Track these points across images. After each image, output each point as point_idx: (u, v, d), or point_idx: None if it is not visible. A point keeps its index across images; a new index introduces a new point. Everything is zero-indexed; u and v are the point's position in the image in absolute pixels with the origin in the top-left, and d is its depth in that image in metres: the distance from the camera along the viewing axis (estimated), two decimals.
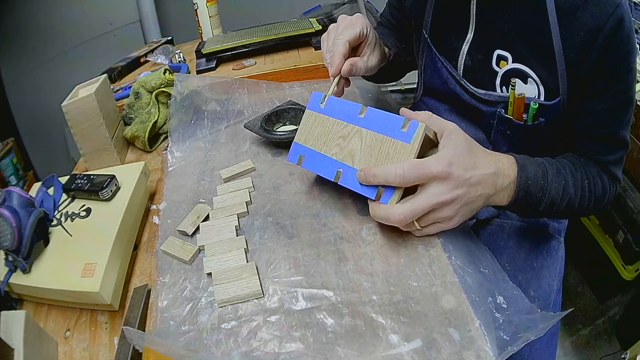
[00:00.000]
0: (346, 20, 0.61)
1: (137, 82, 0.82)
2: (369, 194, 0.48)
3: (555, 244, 0.71)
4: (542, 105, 0.57)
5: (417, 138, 0.46)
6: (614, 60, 0.51)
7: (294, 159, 0.56)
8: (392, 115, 0.49)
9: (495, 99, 0.61)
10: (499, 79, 0.60)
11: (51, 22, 1.63)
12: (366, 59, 0.62)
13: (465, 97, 0.64)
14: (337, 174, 0.52)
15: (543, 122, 0.58)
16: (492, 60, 0.60)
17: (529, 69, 0.57)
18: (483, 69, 0.61)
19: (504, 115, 0.60)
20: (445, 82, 0.66)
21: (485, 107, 0.62)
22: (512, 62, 0.58)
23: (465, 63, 0.63)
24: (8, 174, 1.35)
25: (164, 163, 0.75)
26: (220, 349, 0.42)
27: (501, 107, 0.60)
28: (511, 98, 0.58)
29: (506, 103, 0.60)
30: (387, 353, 0.40)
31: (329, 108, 0.55)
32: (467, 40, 0.62)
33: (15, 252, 0.50)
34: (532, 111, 0.57)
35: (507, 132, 0.61)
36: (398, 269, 0.48)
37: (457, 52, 0.63)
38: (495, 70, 0.60)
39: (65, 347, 0.48)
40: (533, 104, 0.57)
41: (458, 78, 0.64)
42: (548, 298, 0.65)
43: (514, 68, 0.58)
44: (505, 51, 0.58)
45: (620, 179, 0.61)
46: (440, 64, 0.65)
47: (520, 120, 0.59)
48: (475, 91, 0.62)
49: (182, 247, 0.54)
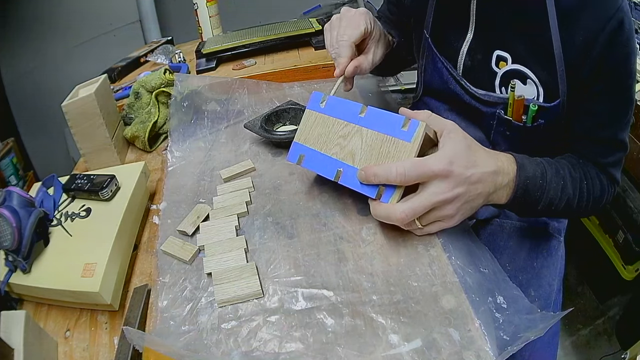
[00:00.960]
0: (350, 13, 0.61)
1: (137, 82, 0.82)
2: (369, 193, 0.48)
3: (555, 244, 0.71)
4: (542, 107, 0.57)
5: (417, 137, 0.46)
6: (614, 63, 0.51)
7: (294, 158, 0.56)
8: (393, 115, 0.49)
9: (495, 99, 0.61)
10: (498, 79, 0.60)
11: (51, 22, 1.63)
12: (371, 56, 0.62)
13: (465, 97, 0.64)
14: (338, 174, 0.52)
15: (542, 124, 0.58)
16: (492, 61, 0.60)
17: (529, 70, 0.57)
18: (482, 70, 0.61)
19: (504, 116, 0.60)
20: (445, 82, 0.66)
21: (484, 108, 0.62)
22: (511, 62, 0.58)
23: (464, 63, 0.63)
24: (8, 174, 1.36)
25: (164, 163, 0.75)
26: (220, 349, 0.42)
27: (500, 108, 0.60)
28: (510, 99, 0.58)
29: (505, 104, 0.60)
30: (387, 353, 0.40)
31: (329, 108, 0.55)
32: (466, 41, 0.62)
33: (15, 252, 0.50)
34: (531, 113, 0.57)
35: (506, 132, 0.62)
36: (398, 269, 0.48)
37: (457, 53, 0.63)
38: (494, 70, 0.60)
39: (65, 347, 0.48)
40: (532, 106, 0.57)
41: (458, 78, 0.64)
42: (548, 298, 0.65)
43: (513, 69, 0.58)
44: (504, 52, 0.58)
45: (618, 180, 0.61)
46: (440, 64, 0.65)
47: (519, 121, 0.59)
48: (475, 91, 0.62)
49: (182, 247, 0.54)
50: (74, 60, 1.70)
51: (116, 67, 1.08)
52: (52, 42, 1.66)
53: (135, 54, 1.17)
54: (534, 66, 0.56)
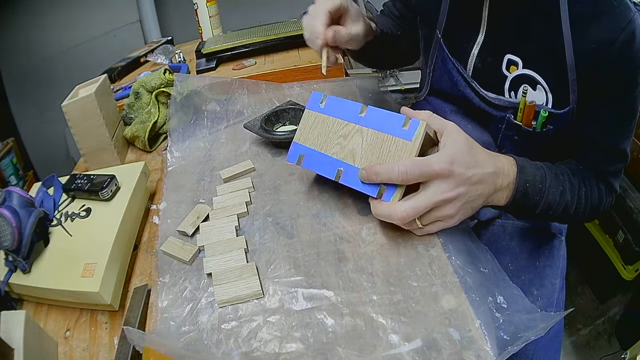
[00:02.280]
0: None
1: (137, 82, 0.82)
2: (371, 192, 0.48)
3: (557, 243, 0.71)
4: (552, 113, 0.57)
5: (418, 136, 0.46)
6: (624, 74, 0.52)
7: (294, 159, 0.56)
8: (393, 114, 0.49)
9: (505, 104, 0.61)
10: (508, 83, 0.60)
11: (51, 21, 1.63)
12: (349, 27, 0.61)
13: (475, 100, 0.64)
14: (338, 173, 0.52)
15: (551, 130, 0.58)
16: (503, 65, 0.60)
17: (539, 75, 0.57)
18: (492, 73, 0.61)
19: (513, 120, 0.60)
20: (455, 83, 0.65)
21: (494, 112, 0.62)
22: (522, 67, 0.58)
23: (475, 65, 0.63)
24: (8, 174, 1.35)
25: (164, 163, 0.75)
26: (221, 349, 0.42)
27: (510, 112, 0.60)
28: (521, 105, 0.58)
29: (516, 109, 0.60)
30: (387, 353, 0.40)
31: (328, 108, 0.55)
32: (477, 43, 0.62)
33: (15, 252, 0.50)
34: (541, 119, 0.57)
35: (514, 137, 0.61)
36: (398, 269, 0.48)
37: (467, 54, 0.63)
38: (505, 74, 0.60)
39: (65, 347, 0.48)
40: (543, 112, 0.57)
41: (469, 80, 0.63)
42: (551, 296, 0.66)
43: (523, 73, 0.58)
44: (516, 56, 0.58)
45: (617, 190, 0.61)
46: (451, 65, 0.65)
47: (529, 126, 0.59)
48: (486, 94, 0.62)
49: (182, 248, 0.54)
50: (74, 60, 1.70)
51: (116, 67, 1.08)
52: (52, 42, 1.66)
53: (135, 54, 1.17)
54: (544, 72, 0.56)
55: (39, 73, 1.65)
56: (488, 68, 0.62)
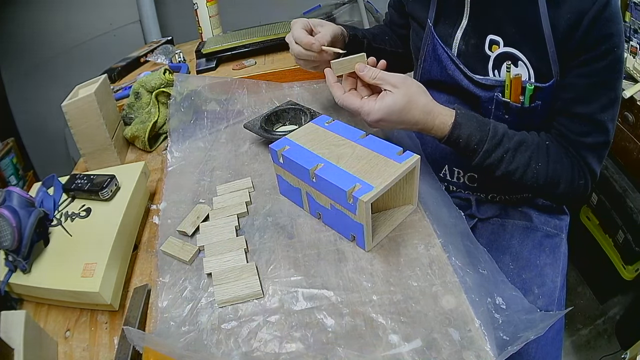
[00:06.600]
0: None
1: (137, 82, 0.82)
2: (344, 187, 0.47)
3: (557, 241, 0.71)
4: (538, 87, 0.58)
5: (408, 163, 0.49)
6: (596, 39, 0.53)
7: (278, 147, 0.55)
8: (391, 144, 0.53)
9: (492, 82, 0.62)
10: (491, 62, 0.62)
11: (51, 22, 1.63)
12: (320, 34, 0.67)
13: (464, 82, 0.65)
14: (317, 166, 0.51)
15: (540, 105, 0.59)
16: (485, 45, 0.62)
17: (520, 52, 0.59)
18: (476, 54, 0.63)
19: (502, 99, 0.61)
20: (444, 67, 0.67)
21: (482, 92, 0.63)
22: (503, 45, 0.60)
23: (459, 48, 0.65)
24: (8, 174, 1.35)
25: (164, 163, 0.75)
26: (221, 350, 0.42)
27: (498, 91, 0.62)
28: (507, 81, 0.60)
29: (502, 87, 0.61)
30: (387, 353, 0.40)
31: (332, 127, 0.58)
32: (461, 26, 0.64)
33: (15, 252, 0.50)
34: (528, 92, 0.59)
35: (505, 116, 0.63)
36: (398, 269, 0.48)
37: (452, 37, 0.65)
38: (487, 54, 0.62)
39: (65, 347, 0.48)
40: (529, 86, 0.58)
41: (457, 62, 0.65)
42: (552, 295, 0.66)
43: (505, 52, 0.60)
44: (497, 36, 0.60)
45: (595, 171, 0.61)
46: (440, 50, 0.67)
47: (517, 102, 0.60)
48: (473, 75, 0.64)
49: (182, 248, 0.54)
50: (74, 60, 1.70)
51: (116, 67, 1.08)
52: (52, 42, 1.65)
53: (135, 54, 1.17)
54: (524, 48, 0.58)
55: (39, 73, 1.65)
56: (472, 50, 0.64)
